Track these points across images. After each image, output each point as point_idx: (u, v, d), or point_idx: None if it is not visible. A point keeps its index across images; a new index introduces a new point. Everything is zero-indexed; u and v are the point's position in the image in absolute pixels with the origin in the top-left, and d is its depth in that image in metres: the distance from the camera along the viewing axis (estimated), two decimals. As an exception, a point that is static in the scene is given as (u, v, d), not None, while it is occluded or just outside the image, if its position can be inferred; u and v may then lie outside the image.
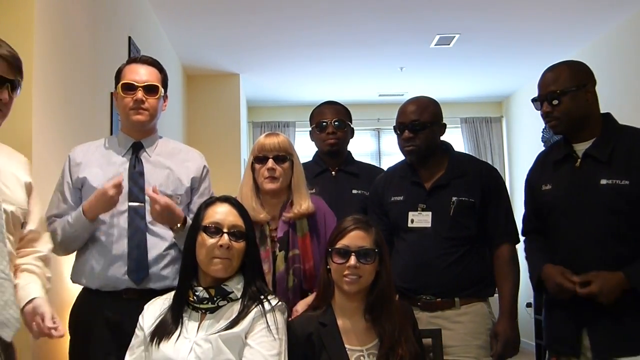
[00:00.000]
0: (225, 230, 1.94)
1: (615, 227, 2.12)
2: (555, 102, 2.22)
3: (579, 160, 2.24)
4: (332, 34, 5.39)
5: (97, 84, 3.37)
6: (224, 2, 4.71)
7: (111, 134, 3.56)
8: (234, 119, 6.59)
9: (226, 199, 2.03)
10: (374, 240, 2.02)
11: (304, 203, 2.34)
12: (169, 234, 2.26)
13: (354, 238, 2.00)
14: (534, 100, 2.33)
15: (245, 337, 1.87)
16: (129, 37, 4.04)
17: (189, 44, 5.63)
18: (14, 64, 1.88)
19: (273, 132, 2.45)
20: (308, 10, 4.88)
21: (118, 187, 2.15)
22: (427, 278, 2.37)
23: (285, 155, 2.35)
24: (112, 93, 3.48)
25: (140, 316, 1.99)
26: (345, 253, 1.98)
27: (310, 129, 3.08)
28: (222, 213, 1.98)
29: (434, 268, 2.37)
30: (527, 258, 2.41)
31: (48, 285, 2.01)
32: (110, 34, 3.71)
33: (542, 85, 2.29)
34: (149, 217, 2.26)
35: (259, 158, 2.35)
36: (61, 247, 2.25)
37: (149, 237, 2.25)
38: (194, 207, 2.30)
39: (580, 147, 2.25)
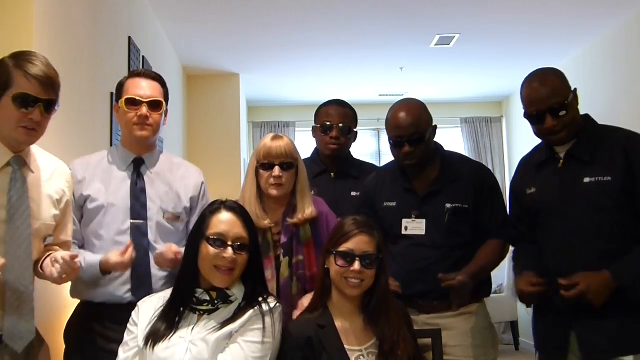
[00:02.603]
0: (229, 242, 1.93)
1: (600, 224, 2.13)
2: (562, 113, 2.18)
3: (562, 161, 2.24)
4: (332, 34, 5.39)
5: (97, 84, 3.37)
6: (224, 3, 4.70)
7: (111, 134, 3.56)
8: (234, 119, 6.58)
9: (231, 208, 2.01)
10: (377, 244, 2.03)
11: (307, 209, 2.33)
12: None
13: (359, 242, 2.00)
14: (529, 117, 2.25)
15: (235, 333, 1.87)
16: (129, 37, 4.05)
17: (189, 44, 5.63)
18: (47, 82, 1.84)
19: (277, 134, 2.39)
20: (308, 11, 4.88)
21: (127, 266, 2.14)
22: (424, 285, 2.36)
23: (291, 162, 2.32)
24: (111, 93, 3.48)
25: (134, 312, 2.00)
26: (350, 257, 1.98)
27: (313, 125, 3.02)
28: (226, 223, 1.96)
29: (430, 275, 2.33)
30: (513, 268, 2.40)
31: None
32: (110, 34, 3.71)
33: (537, 100, 2.20)
34: (151, 235, 2.25)
35: (265, 165, 2.32)
36: None
37: (151, 254, 2.24)
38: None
39: (562, 149, 2.26)
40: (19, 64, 1.84)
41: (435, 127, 2.50)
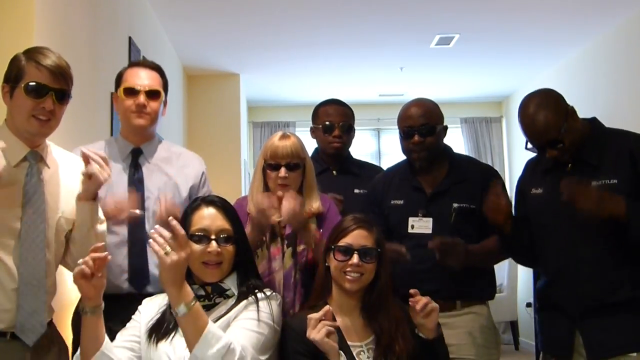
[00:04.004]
0: (212, 237, 1.93)
1: (605, 226, 2.12)
2: (560, 145, 2.19)
3: (570, 165, 2.25)
4: (332, 34, 5.39)
5: (97, 84, 3.37)
6: (224, 3, 4.71)
7: (111, 134, 3.56)
8: (234, 119, 6.59)
9: (211, 202, 2.01)
10: (375, 239, 2.05)
11: (314, 204, 2.33)
12: None
13: (357, 237, 2.02)
14: (530, 147, 2.27)
15: (232, 322, 1.87)
16: (129, 37, 4.05)
17: (189, 44, 5.63)
18: (58, 72, 1.90)
19: (285, 133, 2.37)
20: (308, 11, 4.88)
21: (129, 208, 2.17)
22: (429, 285, 2.34)
23: (297, 162, 2.31)
24: (112, 93, 3.48)
25: (140, 306, 2.01)
26: (348, 251, 2.00)
27: (311, 126, 3.03)
28: (208, 218, 1.96)
29: (436, 275, 2.35)
30: None
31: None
32: (110, 34, 3.71)
33: (535, 135, 2.21)
34: (148, 225, 2.25)
35: (271, 165, 2.30)
36: None
37: (148, 245, 2.23)
38: None
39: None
40: (30, 56, 1.89)
41: (446, 127, 2.53)
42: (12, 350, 1.83)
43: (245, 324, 1.85)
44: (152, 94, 2.32)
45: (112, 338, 2.02)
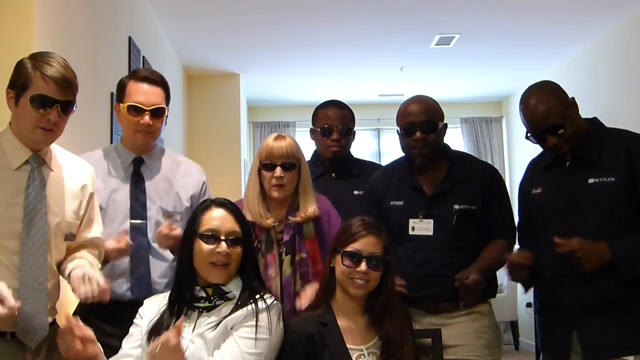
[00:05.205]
0: (222, 237, 1.94)
1: (604, 225, 2.14)
2: (561, 131, 2.18)
3: (568, 162, 2.25)
4: (332, 34, 5.39)
5: (97, 84, 3.37)
6: (224, 2, 4.71)
7: (111, 134, 3.56)
8: (234, 119, 6.59)
9: (222, 203, 2.02)
10: (384, 246, 2.04)
11: (310, 207, 2.32)
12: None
13: (366, 243, 2.01)
14: (530, 137, 2.28)
15: (231, 329, 1.87)
16: (129, 37, 4.05)
17: (189, 44, 5.63)
18: (64, 84, 1.88)
19: (280, 134, 2.38)
20: (308, 11, 4.88)
21: (124, 252, 2.16)
22: (432, 288, 2.35)
23: (293, 163, 2.31)
24: (111, 93, 3.48)
25: (141, 308, 2.02)
26: (357, 257, 1.99)
27: (311, 127, 3.01)
28: (218, 219, 1.97)
29: (439, 278, 2.33)
30: None
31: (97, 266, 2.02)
32: (110, 34, 3.71)
33: (535, 121, 2.22)
34: (150, 235, 2.26)
35: (267, 165, 2.31)
36: None
37: (151, 254, 2.24)
38: None
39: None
40: (36, 65, 1.87)
41: (446, 125, 2.50)
42: (13, 351, 1.82)
43: (243, 345, 1.85)
44: (157, 113, 2.31)
45: (109, 339, 2.02)
